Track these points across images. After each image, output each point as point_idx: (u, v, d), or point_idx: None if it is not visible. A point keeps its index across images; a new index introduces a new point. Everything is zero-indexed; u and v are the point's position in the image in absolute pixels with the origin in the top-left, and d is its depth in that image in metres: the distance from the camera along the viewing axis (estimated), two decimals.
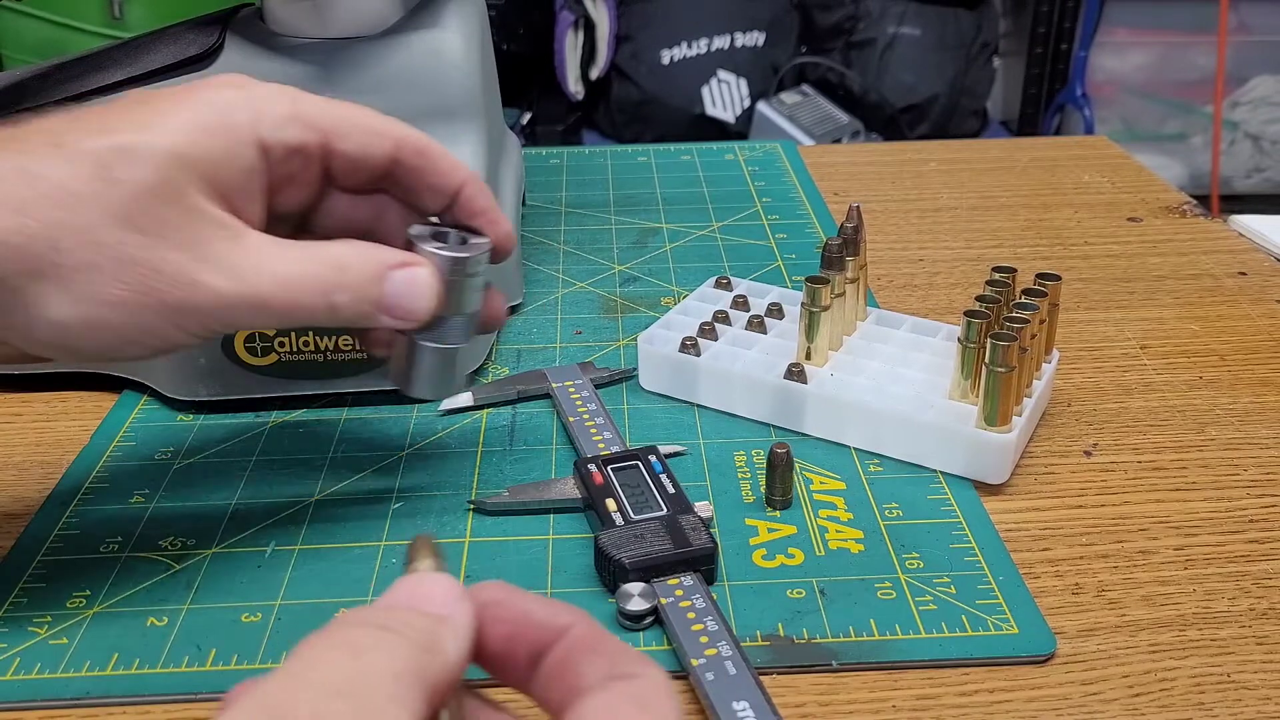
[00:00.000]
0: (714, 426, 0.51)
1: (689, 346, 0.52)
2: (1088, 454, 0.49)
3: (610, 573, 0.40)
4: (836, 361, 0.51)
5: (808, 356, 0.51)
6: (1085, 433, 0.51)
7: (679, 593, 0.39)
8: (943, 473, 0.47)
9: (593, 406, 0.50)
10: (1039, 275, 0.50)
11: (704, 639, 0.37)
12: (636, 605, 0.39)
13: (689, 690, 0.36)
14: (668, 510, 0.42)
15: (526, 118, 2.02)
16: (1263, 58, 2.20)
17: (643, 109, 2.07)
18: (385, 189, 0.41)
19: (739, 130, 2.06)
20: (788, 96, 2.05)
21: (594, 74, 2.07)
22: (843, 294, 0.52)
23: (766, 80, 2.08)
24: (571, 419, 0.50)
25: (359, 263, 0.37)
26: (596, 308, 0.62)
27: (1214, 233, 0.71)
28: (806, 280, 0.50)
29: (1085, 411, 0.52)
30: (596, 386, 0.52)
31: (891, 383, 0.50)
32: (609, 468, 0.45)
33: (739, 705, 0.34)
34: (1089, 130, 2.14)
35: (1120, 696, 0.37)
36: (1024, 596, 0.40)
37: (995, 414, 0.45)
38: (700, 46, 2.05)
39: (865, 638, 0.39)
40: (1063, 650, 0.38)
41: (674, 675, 0.37)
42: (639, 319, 0.60)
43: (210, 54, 0.55)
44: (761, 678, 0.36)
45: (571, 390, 0.52)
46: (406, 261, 0.38)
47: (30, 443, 0.50)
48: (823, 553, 0.43)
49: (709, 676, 0.35)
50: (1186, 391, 0.54)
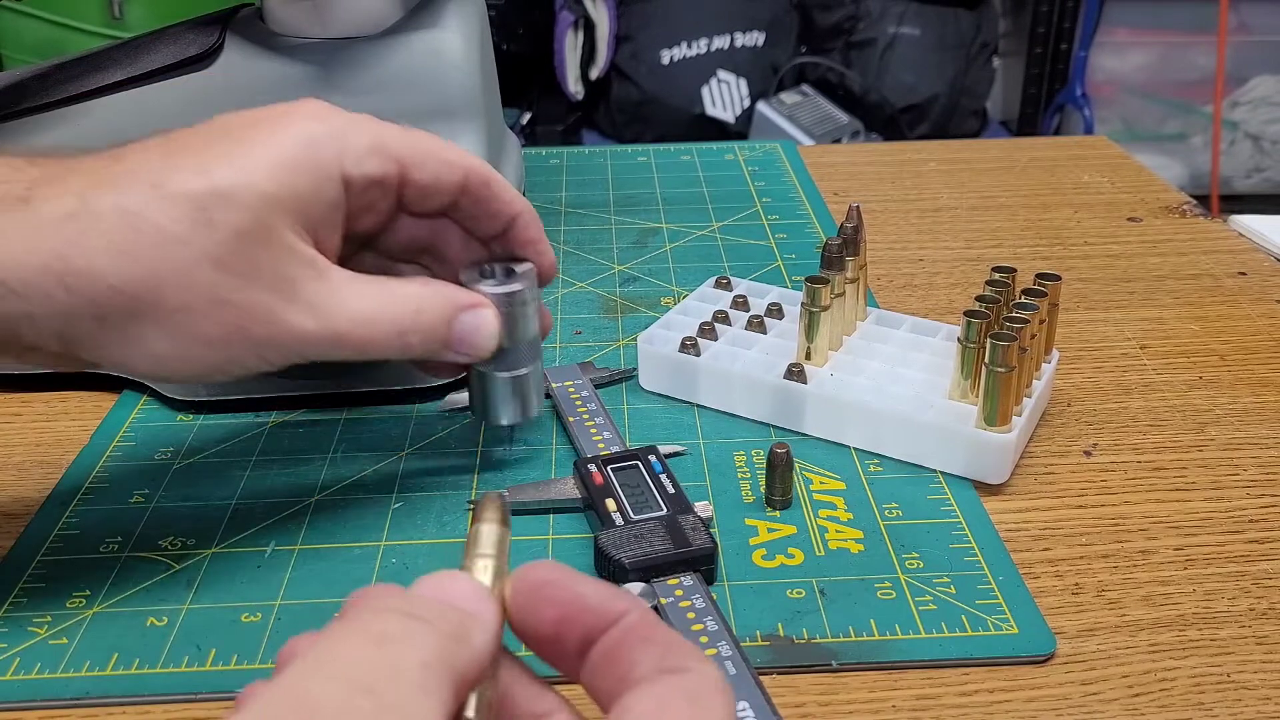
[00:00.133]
0: (714, 426, 0.51)
1: (689, 346, 0.52)
2: (1088, 454, 0.49)
3: (610, 573, 0.40)
4: (836, 361, 0.51)
5: (808, 356, 0.51)
6: (1085, 433, 0.51)
7: (679, 593, 0.39)
8: (943, 473, 0.47)
9: (593, 406, 0.50)
10: (1039, 275, 0.50)
11: (704, 639, 0.37)
12: None
13: None
14: (668, 510, 0.42)
15: (526, 118, 2.02)
16: (1263, 58, 2.20)
17: (643, 109, 2.07)
18: (447, 214, 0.42)
19: (739, 130, 2.06)
20: (788, 96, 2.05)
21: (594, 74, 2.07)
22: (842, 294, 0.52)
23: (766, 80, 2.08)
24: (571, 419, 0.50)
25: (432, 305, 0.40)
26: (596, 308, 0.62)
27: (1214, 233, 0.71)
28: (806, 280, 0.50)
29: (1085, 411, 0.52)
30: (596, 386, 0.52)
31: (891, 383, 0.50)
32: (609, 468, 0.45)
33: (739, 705, 0.34)
34: (1089, 130, 2.14)
35: (1120, 696, 0.37)
36: (1024, 596, 0.40)
37: (995, 414, 0.46)
38: (700, 46, 2.05)
39: (865, 638, 0.39)
40: (1063, 650, 0.38)
41: None
42: (639, 319, 0.60)
43: (210, 54, 0.55)
44: (761, 678, 0.36)
45: (571, 390, 0.52)
46: (475, 303, 0.41)
47: (30, 443, 0.50)
48: (823, 553, 0.43)
49: None
50: (1186, 391, 0.54)
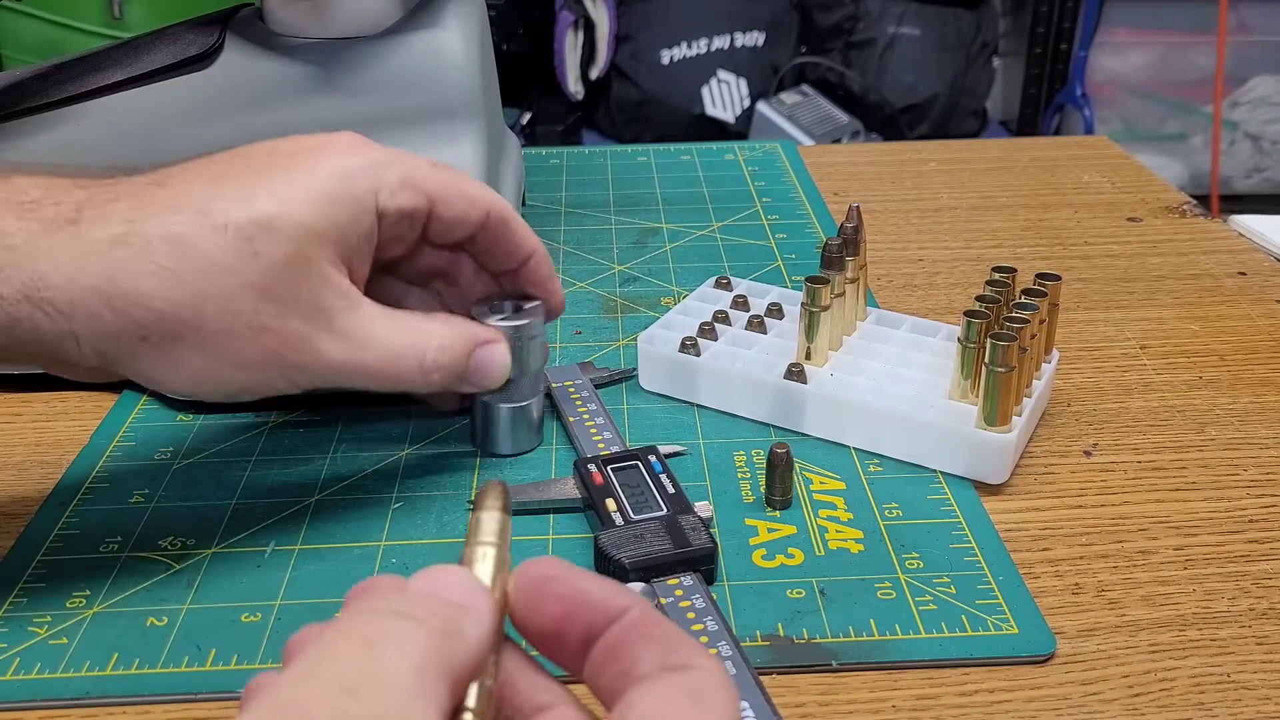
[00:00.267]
0: (714, 426, 0.51)
1: (689, 346, 0.52)
2: (1087, 454, 0.49)
3: (610, 573, 0.40)
4: (836, 361, 0.51)
5: (808, 356, 0.51)
6: (1085, 433, 0.51)
7: (679, 593, 0.39)
8: (943, 473, 0.47)
9: (592, 406, 0.50)
10: (1039, 275, 0.50)
11: (704, 639, 0.37)
12: None
13: None
14: (667, 510, 0.42)
15: (526, 118, 2.02)
16: (1263, 58, 2.20)
17: (643, 109, 2.07)
18: (465, 247, 0.44)
19: (739, 130, 2.06)
20: (787, 96, 2.05)
21: (594, 74, 2.07)
22: (842, 294, 0.52)
23: (766, 80, 2.08)
24: (571, 419, 0.50)
25: (453, 341, 0.42)
26: (596, 308, 0.62)
27: (1214, 233, 0.71)
28: (806, 280, 0.50)
29: (1085, 411, 0.52)
30: (596, 386, 0.52)
31: (891, 383, 0.50)
32: (609, 468, 0.45)
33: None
34: (1089, 130, 2.14)
35: (1120, 696, 0.37)
36: (1024, 596, 0.40)
37: (995, 414, 0.46)
38: (700, 46, 2.05)
39: (865, 638, 0.39)
40: (1063, 650, 0.38)
41: None
42: (639, 319, 0.60)
43: (210, 54, 0.55)
44: (761, 678, 0.36)
45: (571, 390, 0.52)
46: (491, 339, 0.43)
47: (30, 443, 0.50)
48: (822, 553, 0.43)
49: None
50: (1186, 391, 0.54)
